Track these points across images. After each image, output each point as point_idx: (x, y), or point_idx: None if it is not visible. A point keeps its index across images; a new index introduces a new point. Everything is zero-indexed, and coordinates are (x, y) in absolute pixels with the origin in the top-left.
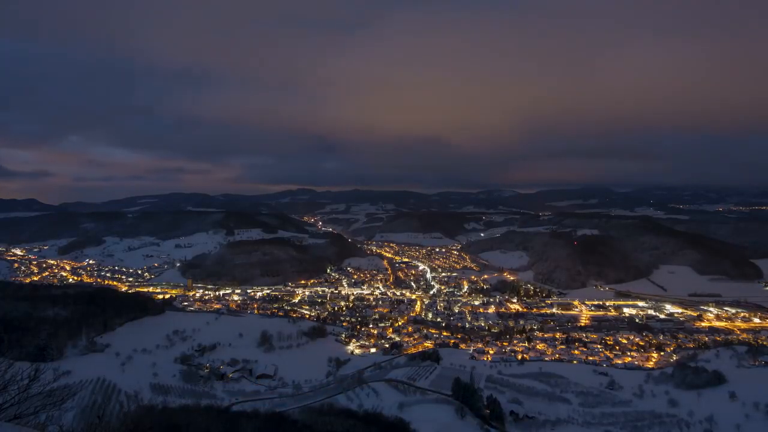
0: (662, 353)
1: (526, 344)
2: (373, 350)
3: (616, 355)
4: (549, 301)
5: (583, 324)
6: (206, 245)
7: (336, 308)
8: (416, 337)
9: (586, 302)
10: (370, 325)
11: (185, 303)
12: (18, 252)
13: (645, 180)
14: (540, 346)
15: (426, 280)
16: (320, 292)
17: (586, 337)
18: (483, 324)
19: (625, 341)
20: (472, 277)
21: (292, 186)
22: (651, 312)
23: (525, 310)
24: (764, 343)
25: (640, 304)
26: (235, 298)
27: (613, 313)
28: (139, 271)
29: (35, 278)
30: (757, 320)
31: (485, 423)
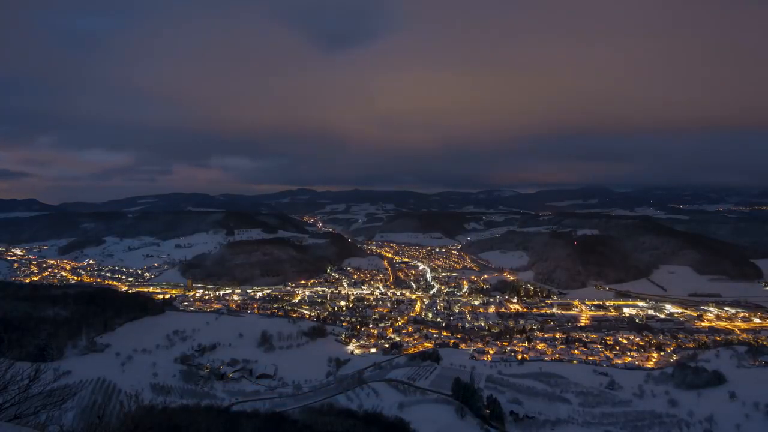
0: (662, 353)
1: (526, 344)
2: (373, 350)
3: (616, 355)
4: (549, 301)
5: (583, 324)
6: (206, 245)
7: (336, 308)
8: (416, 337)
9: (586, 302)
10: (370, 325)
11: (185, 303)
12: (18, 252)
13: (645, 180)
14: (540, 346)
15: (426, 280)
16: (320, 292)
17: (586, 337)
18: (483, 324)
19: (625, 341)
20: (472, 277)
21: (292, 186)
22: (651, 312)
23: (525, 310)
24: (764, 343)
25: (640, 304)
26: (235, 298)
27: (613, 313)
28: (139, 271)
29: (35, 278)
30: (757, 320)
31: (485, 423)
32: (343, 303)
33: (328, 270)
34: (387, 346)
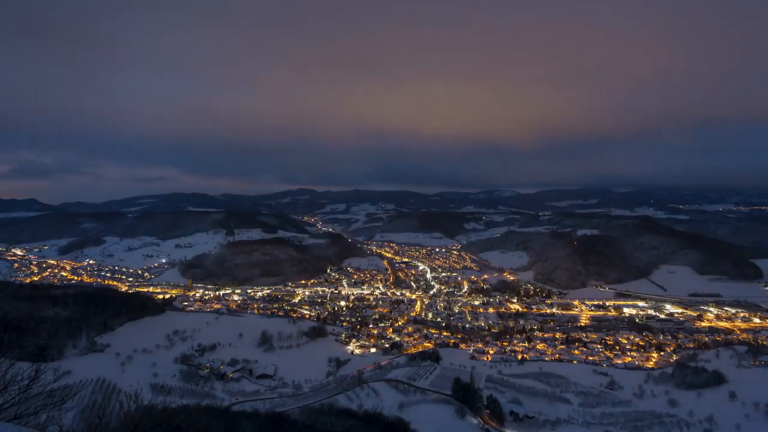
0: (662, 353)
1: (526, 344)
2: (373, 350)
3: (616, 355)
4: (549, 301)
5: (583, 324)
6: (206, 245)
7: (336, 308)
8: (416, 337)
9: (586, 302)
10: (370, 325)
11: (185, 303)
12: (18, 252)
13: (645, 180)
14: (540, 346)
15: (426, 280)
16: (320, 292)
17: (586, 337)
18: (483, 324)
19: (625, 341)
20: (472, 277)
21: (292, 186)
22: (651, 312)
23: (525, 310)
24: (764, 343)
25: (640, 304)
26: (235, 298)
27: (613, 313)
28: (139, 271)
29: (35, 278)
30: (757, 320)
31: (485, 423)
32: (343, 303)
33: (328, 270)
34: (387, 346)
